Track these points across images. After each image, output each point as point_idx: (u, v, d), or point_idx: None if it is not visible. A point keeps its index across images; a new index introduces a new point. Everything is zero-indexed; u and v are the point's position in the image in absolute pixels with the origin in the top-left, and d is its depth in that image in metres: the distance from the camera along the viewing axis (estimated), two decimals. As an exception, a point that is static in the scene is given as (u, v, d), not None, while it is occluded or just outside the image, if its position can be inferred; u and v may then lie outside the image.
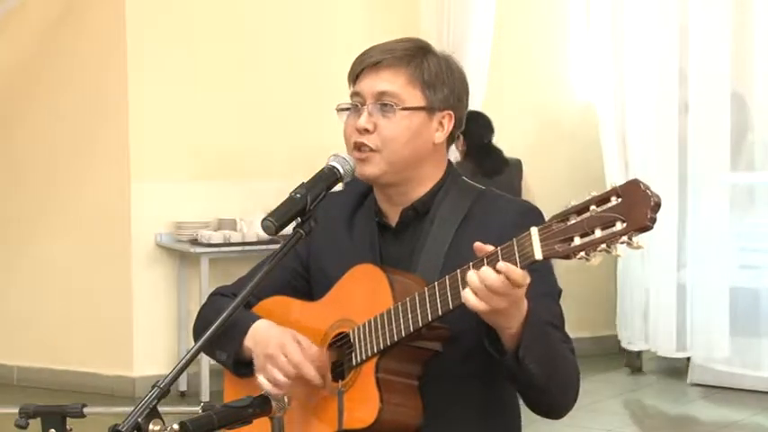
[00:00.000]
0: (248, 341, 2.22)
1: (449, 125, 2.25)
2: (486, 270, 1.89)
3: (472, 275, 1.90)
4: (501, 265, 1.88)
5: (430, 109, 2.22)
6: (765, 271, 6.81)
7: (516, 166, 6.34)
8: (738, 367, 6.57)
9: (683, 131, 6.86)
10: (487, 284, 1.88)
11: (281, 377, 2.13)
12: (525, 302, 1.96)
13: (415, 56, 2.22)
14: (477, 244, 1.94)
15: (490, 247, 1.92)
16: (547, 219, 1.87)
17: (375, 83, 2.21)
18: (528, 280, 1.89)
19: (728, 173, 6.66)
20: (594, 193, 1.79)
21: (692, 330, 6.82)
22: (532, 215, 2.12)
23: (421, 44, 2.27)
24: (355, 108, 2.24)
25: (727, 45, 6.58)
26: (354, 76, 2.26)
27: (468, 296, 1.91)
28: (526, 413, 2.19)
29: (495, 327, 1.98)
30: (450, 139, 2.29)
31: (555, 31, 7.79)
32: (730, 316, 6.64)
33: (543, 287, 2.12)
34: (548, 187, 6.96)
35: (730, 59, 6.61)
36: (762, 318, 6.62)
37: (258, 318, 2.26)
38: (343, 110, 2.27)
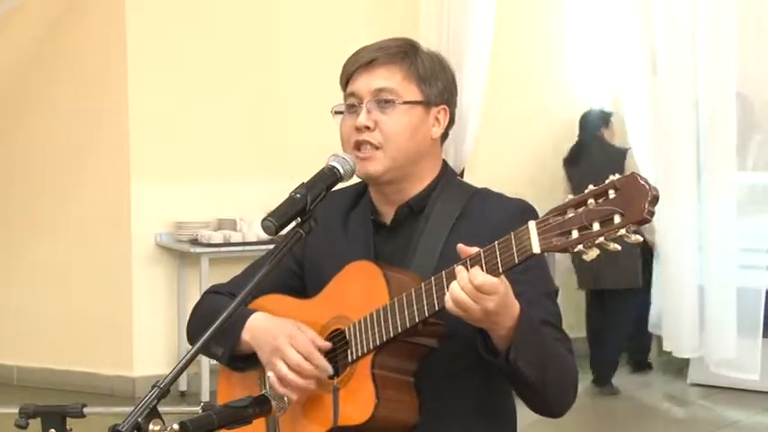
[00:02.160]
0: (246, 335, 2.22)
1: (444, 120, 2.27)
2: (455, 281, 1.91)
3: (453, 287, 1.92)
4: (470, 273, 1.89)
5: (427, 103, 2.23)
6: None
7: (618, 156, 6.80)
8: (744, 368, 6.55)
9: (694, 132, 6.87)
10: (453, 297, 1.90)
11: (290, 374, 2.13)
12: (515, 307, 1.96)
13: (408, 52, 2.24)
14: (460, 246, 1.95)
15: (473, 250, 1.93)
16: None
17: (371, 80, 2.21)
18: (499, 288, 1.89)
19: (736, 173, 6.66)
20: (592, 187, 1.79)
21: (702, 330, 6.81)
22: (526, 213, 2.12)
23: (411, 42, 2.29)
24: (351, 108, 2.24)
25: (733, 44, 6.58)
26: (347, 78, 2.26)
27: (447, 305, 1.93)
28: (527, 412, 2.19)
29: (485, 329, 1.99)
30: (445, 135, 2.29)
31: (555, 31, 7.79)
32: (737, 317, 6.62)
33: (540, 286, 2.13)
34: (547, 186, 6.97)
35: (737, 59, 6.61)
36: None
37: (253, 312, 2.26)
38: (338, 113, 2.27)
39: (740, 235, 6.71)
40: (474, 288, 1.88)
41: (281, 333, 2.17)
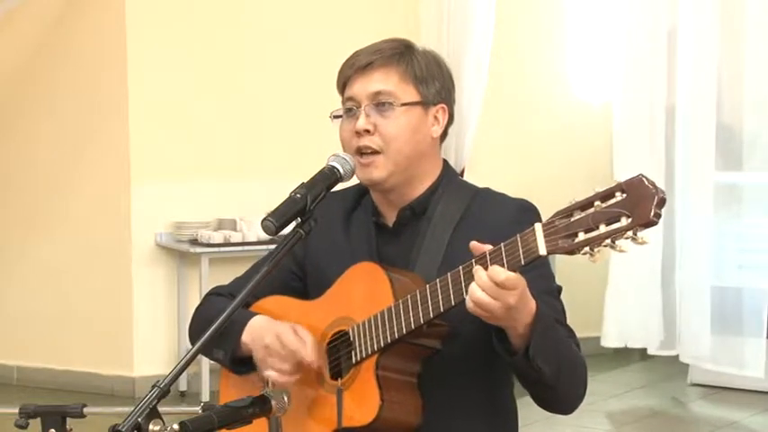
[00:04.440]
0: (245, 337, 2.23)
1: (443, 118, 2.27)
2: (474, 282, 1.91)
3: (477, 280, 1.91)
4: (489, 271, 1.89)
5: (425, 103, 2.23)
6: (751, 271, 6.85)
7: None
8: (720, 366, 6.59)
9: (670, 131, 6.91)
10: (474, 298, 1.90)
11: (282, 365, 2.13)
12: (531, 302, 1.96)
13: (403, 53, 2.25)
14: (474, 243, 1.95)
15: (487, 246, 1.93)
16: (547, 216, 1.87)
17: (368, 84, 2.21)
18: (520, 283, 1.89)
19: (714, 172, 6.69)
20: (599, 189, 1.79)
21: (678, 328, 6.85)
22: (529, 213, 2.13)
23: (406, 42, 2.29)
24: (349, 112, 2.24)
25: (715, 47, 6.62)
26: (344, 82, 2.26)
27: (468, 307, 1.93)
28: (526, 413, 2.19)
29: (502, 327, 1.99)
30: (444, 134, 2.30)
31: (555, 31, 7.79)
32: (720, 315, 6.65)
33: (545, 284, 2.14)
34: (546, 186, 6.96)
35: (718, 60, 6.65)
36: (750, 317, 6.64)
37: (254, 314, 2.26)
38: (337, 117, 2.27)
39: (722, 234, 6.77)
40: (495, 285, 1.88)
41: (274, 332, 2.18)
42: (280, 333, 2.16)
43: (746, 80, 6.66)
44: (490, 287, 1.89)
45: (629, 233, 1.73)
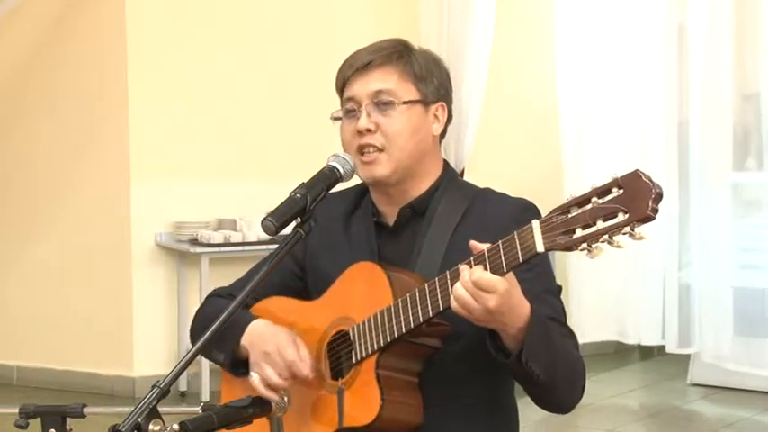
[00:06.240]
0: (245, 340, 2.23)
1: (443, 117, 2.28)
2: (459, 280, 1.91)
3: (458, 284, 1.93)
4: (470, 271, 1.90)
5: (425, 102, 2.24)
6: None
7: None
8: (741, 366, 6.58)
9: (685, 131, 6.89)
10: (455, 295, 1.91)
11: (274, 377, 2.14)
12: (523, 307, 1.95)
13: (402, 53, 2.25)
14: (472, 242, 1.95)
15: (484, 246, 1.93)
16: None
17: (368, 84, 2.22)
18: (499, 286, 1.89)
19: (731, 173, 6.66)
20: (596, 185, 1.79)
21: (698, 328, 6.84)
22: (530, 212, 2.12)
23: (403, 42, 2.30)
24: (350, 113, 2.24)
25: (729, 43, 6.59)
26: (343, 83, 2.27)
27: (452, 304, 1.94)
28: (527, 413, 2.19)
29: (495, 330, 1.98)
30: (443, 133, 2.30)
31: (555, 30, 7.78)
32: (741, 316, 6.64)
33: (544, 283, 2.13)
34: (547, 186, 6.96)
35: (732, 58, 6.62)
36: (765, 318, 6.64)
37: (255, 317, 2.26)
38: (336, 119, 2.27)
39: (740, 234, 6.75)
40: (473, 285, 1.88)
41: (275, 342, 2.18)
42: (281, 345, 2.17)
43: (762, 76, 6.64)
44: (470, 287, 1.89)
45: (627, 229, 1.73)
